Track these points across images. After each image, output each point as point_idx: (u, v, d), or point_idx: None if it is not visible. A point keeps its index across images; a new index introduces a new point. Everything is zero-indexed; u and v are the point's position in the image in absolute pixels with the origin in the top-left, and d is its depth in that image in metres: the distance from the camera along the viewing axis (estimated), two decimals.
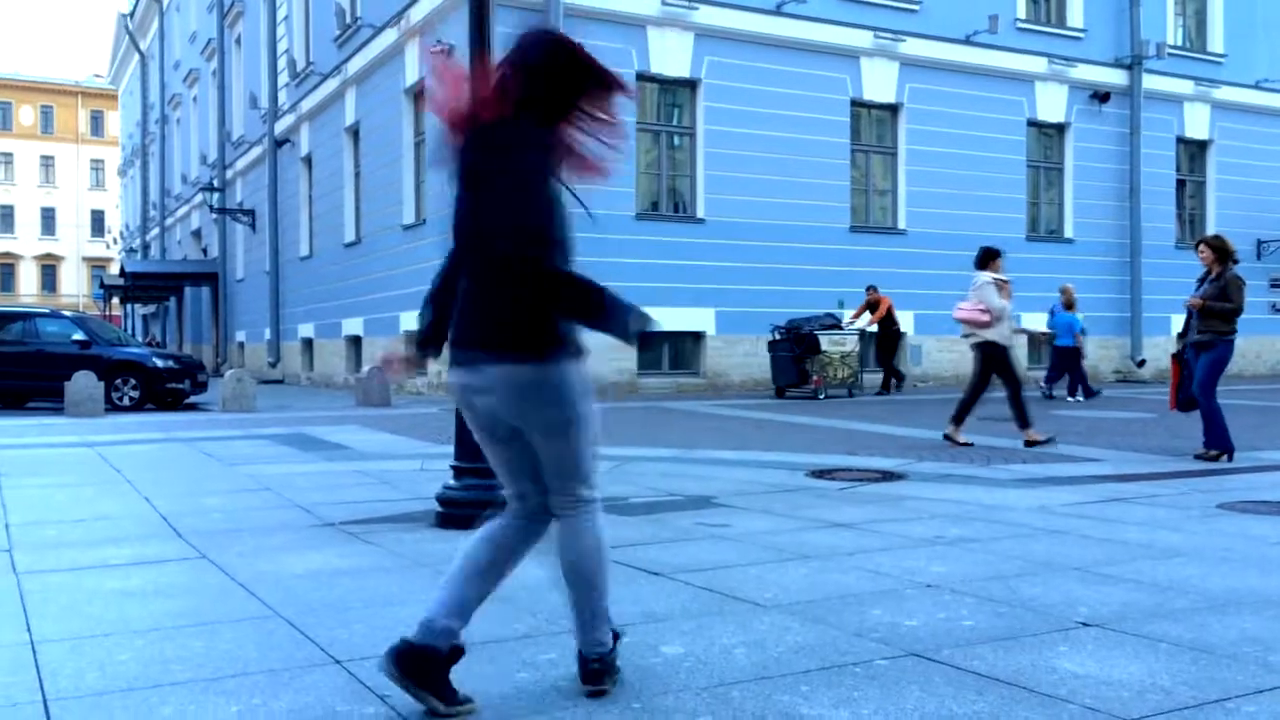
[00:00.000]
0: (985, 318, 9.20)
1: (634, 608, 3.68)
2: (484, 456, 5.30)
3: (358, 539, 5.04)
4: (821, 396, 15.61)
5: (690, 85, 17.50)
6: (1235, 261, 8.32)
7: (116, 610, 3.71)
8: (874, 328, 17.36)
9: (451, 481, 5.41)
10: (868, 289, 17.32)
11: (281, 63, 25.72)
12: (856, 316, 17.21)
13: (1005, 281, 9.48)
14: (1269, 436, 9.81)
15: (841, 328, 16.33)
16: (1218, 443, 8.09)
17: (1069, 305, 16.29)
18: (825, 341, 15.89)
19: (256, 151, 28.00)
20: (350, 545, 4.91)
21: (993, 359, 9.30)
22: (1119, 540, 4.96)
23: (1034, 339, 17.90)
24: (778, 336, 16.34)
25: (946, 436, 9.18)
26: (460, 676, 2.71)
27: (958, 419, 9.18)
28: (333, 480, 7.22)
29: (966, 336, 9.56)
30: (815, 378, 15.83)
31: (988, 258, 9.71)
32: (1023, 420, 9.09)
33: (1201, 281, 8.29)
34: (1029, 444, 8.91)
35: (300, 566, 4.41)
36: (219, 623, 3.54)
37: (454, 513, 5.30)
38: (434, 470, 7.15)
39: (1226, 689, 2.83)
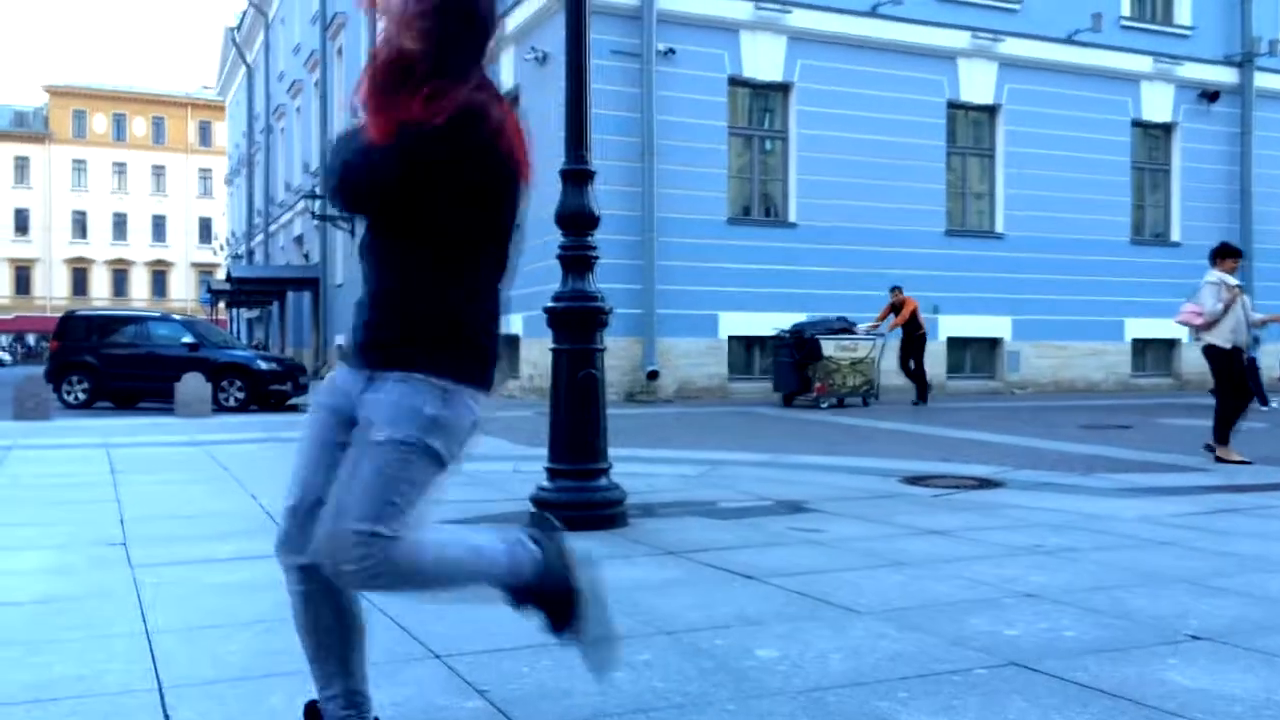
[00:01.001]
0: (1199, 320, 8.53)
1: (728, 609, 3.68)
2: (577, 457, 5.42)
3: None
4: (824, 406, 14.65)
5: (783, 89, 17.42)
6: None
7: (225, 603, 3.83)
8: (898, 332, 15.95)
9: (545, 483, 5.47)
10: (892, 290, 16.08)
11: None
12: (881, 320, 15.92)
13: (1234, 286, 8.50)
14: None
15: (853, 332, 15.20)
16: None
17: None
18: (830, 347, 14.86)
19: None
20: None
21: (1216, 363, 8.55)
22: (1229, 552, 4.79)
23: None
24: (781, 340, 15.40)
25: (1218, 458, 8.34)
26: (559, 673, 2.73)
27: (1220, 436, 8.40)
28: None
29: (1197, 340, 8.88)
30: (818, 385, 14.85)
31: (1217, 255, 8.81)
32: (1219, 434, 8.40)
33: None
34: (1219, 459, 8.28)
35: None
36: None
37: (548, 513, 5.36)
38: (527, 472, 7.23)
39: None
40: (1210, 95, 20.24)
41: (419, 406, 2.17)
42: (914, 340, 15.82)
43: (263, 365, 17.38)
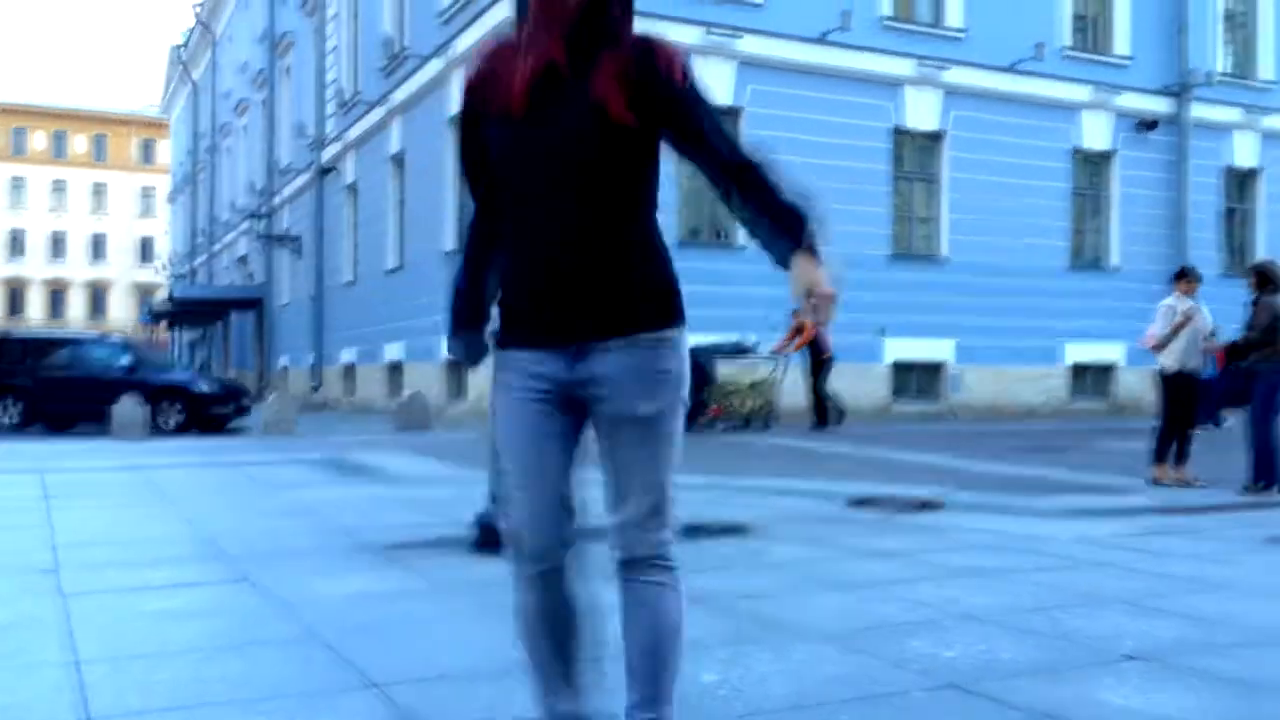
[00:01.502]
0: (1152, 343, 8.66)
1: None
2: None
3: (396, 563, 5.07)
4: (719, 429, 14.14)
5: (733, 114, 17.54)
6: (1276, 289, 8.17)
7: (158, 631, 3.75)
8: (801, 355, 15.24)
9: (489, 506, 5.42)
10: (794, 313, 15.00)
11: (329, 92, 26.15)
12: (786, 342, 15.14)
13: (1188, 308, 8.51)
14: None
15: (753, 353, 14.66)
16: (1264, 474, 7.92)
17: None
18: (724, 369, 14.41)
19: (302, 179, 28.43)
20: (388, 569, 4.93)
21: (1164, 386, 8.61)
22: (1163, 573, 4.87)
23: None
24: None
25: (1154, 479, 8.44)
26: None
27: (1157, 457, 8.50)
28: (372, 504, 7.26)
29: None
30: (713, 408, 14.26)
31: (1175, 278, 8.92)
32: (1158, 454, 8.49)
33: None
34: (1156, 481, 8.40)
35: (339, 590, 4.44)
36: (257, 644, 3.56)
37: (491, 537, 5.31)
38: (472, 495, 7.17)
39: None
40: (1148, 124, 20.72)
41: (666, 366, 2.01)
42: (820, 363, 15.40)
43: (203, 387, 17.11)
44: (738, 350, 14.70)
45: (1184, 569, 4.97)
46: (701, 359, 14.20)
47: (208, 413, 16.62)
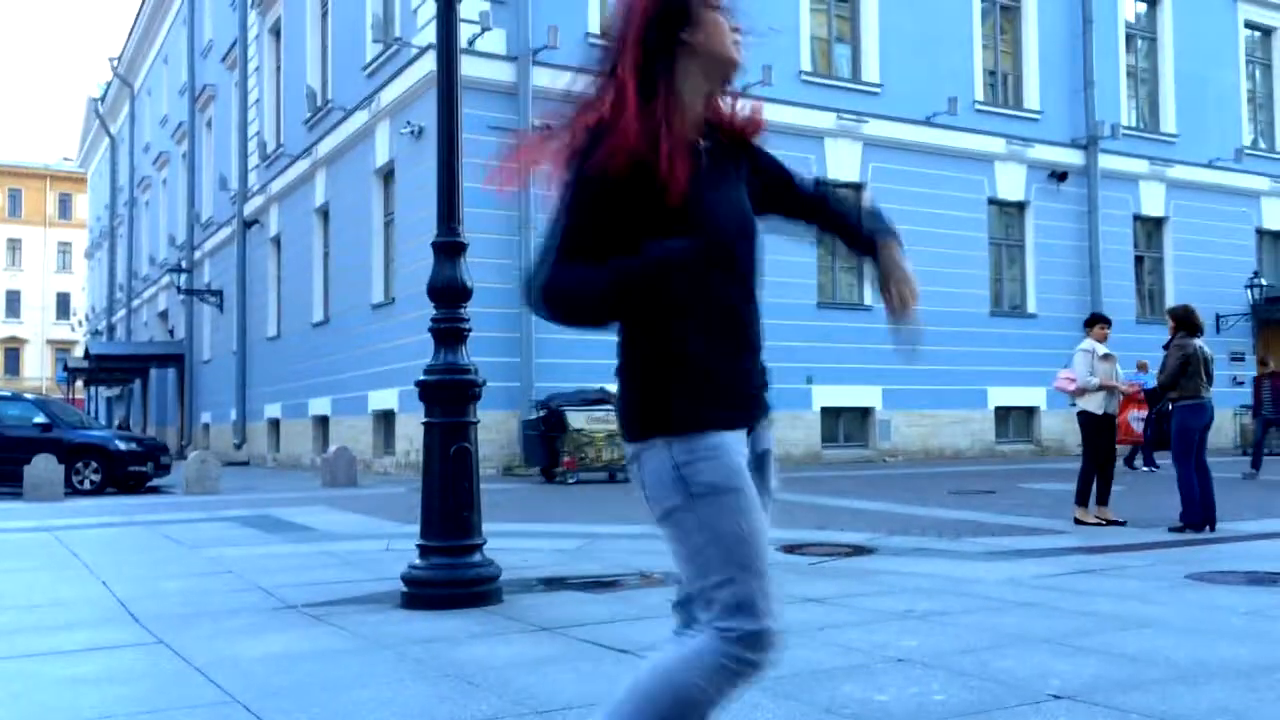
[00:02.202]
0: (1071, 386, 8.81)
1: (602, 686, 3.61)
2: (450, 534, 5.29)
3: (320, 621, 4.94)
4: (570, 481, 13.98)
5: None
6: (1195, 332, 8.46)
7: (69, 698, 3.60)
8: None
9: (417, 561, 5.33)
10: None
11: (252, 145, 25.91)
12: None
13: (1105, 355, 8.79)
14: (1232, 508, 9.88)
15: (608, 403, 14.08)
16: (1189, 513, 8.11)
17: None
18: (580, 419, 14.19)
19: (225, 233, 28.03)
20: (312, 628, 4.80)
21: (1088, 428, 8.80)
22: (1089, 612, 4.94)
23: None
24: (534, 414, 14.74)
25: (1076, 520, 8.60)
26: None
27: (1080, 498, 8.69)
28: (296, 562, 7.09)
29: (1073, 406, 9.13)
30: (566, 459, 14.16)
31: (1090, 323, 9.21)
32: (1080, 495, 8.69)
33: None
34: (1078, 521, 8.57)
35: (260, 650, 4.31)
36: (173, 709, 3.44)
37: (419, 592, 5.22)
38: (400, 550, 7.05)
39: None
40: (1059, 175, 21.41)
41: (640, 479, 1.96)
42: None
43: (120, 445, 16.63)
44: (598, 400, 14.44)
45: (1108, 607, 5.05)
46: (555, 407, 14.26)
47: (126, 471, 16.16)
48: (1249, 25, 24.71)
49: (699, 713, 1.84)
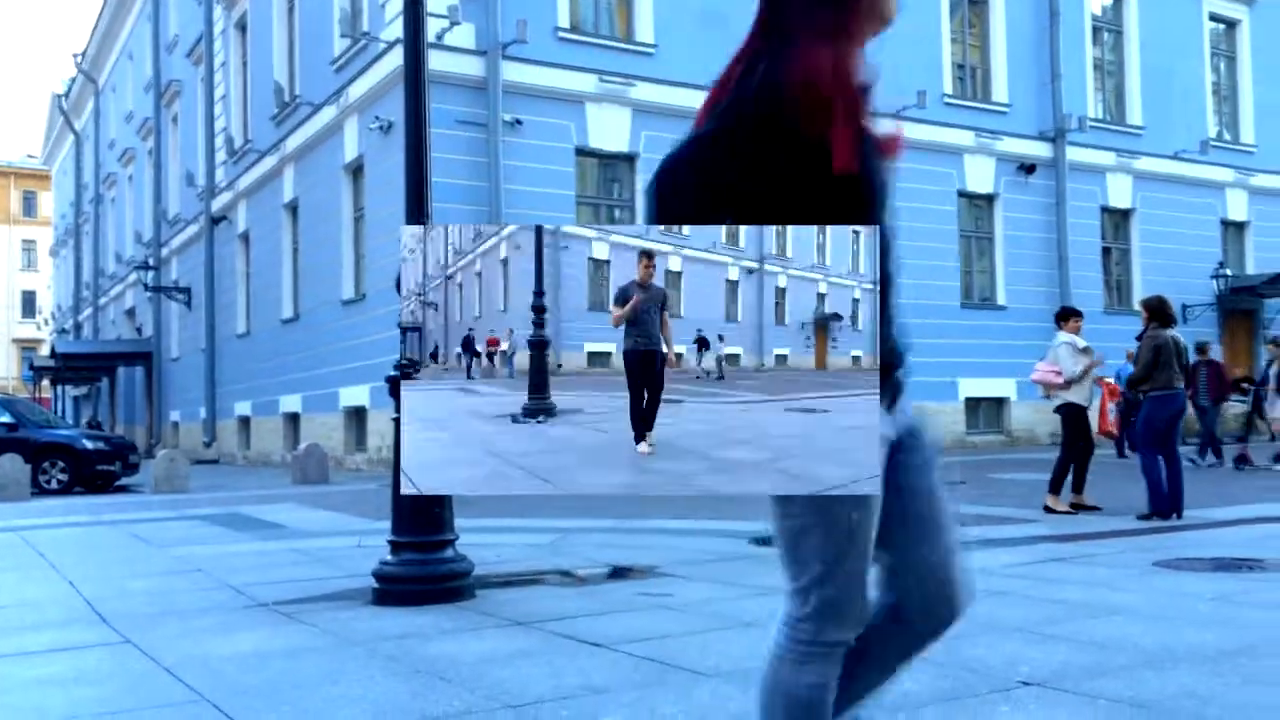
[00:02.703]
0: (1058, 380, 8.89)
1: (575, 679, 3.61)
2: (422, 530, 5.26)
3: (291, 619, 4.91)
4: None
5: (629, 160, 17.70)
6: (1168, 323, 8.56)
7: (35, 699, 3.56)
8: None
9: (388, 557, 5.30)
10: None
11: (219, 141, 25.66)
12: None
13: (1086, 347, 8.88)
14: (1201, 496, 9.99)
15: None
16: (1151, 502, 8.21)
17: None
18: None
19: (193, 229, 27.77)
20: (283, 626, 4.77)
21: (1072, 420, 8.93)
22: (1059, 600, 4.98)
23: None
24: None
25: (1047, 508, 8.68)
26: None
27: (1054, 487, 8.76)
28: (266, 560, 7.04)
29: (1047, 399, 9.25)
30: None
31: (1063, 317, 9.32)
32: (1055, 484, 8.77)
33: None
34: (1048, 510, 8.67)
35: (229, 649, 4.27)
36: (142, 709, 3.40)
37: (391, 589, 5.20)
38: (371, 547, 7.01)
39: None
40: (1027, 168, 21.55)
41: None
42: None
43: (88, 444, 16.46)
44: None
45: (1077, 595, 5.10)
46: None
47: (94, 471, 16.01)
48: (1213, 18, 24.93)
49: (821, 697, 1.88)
